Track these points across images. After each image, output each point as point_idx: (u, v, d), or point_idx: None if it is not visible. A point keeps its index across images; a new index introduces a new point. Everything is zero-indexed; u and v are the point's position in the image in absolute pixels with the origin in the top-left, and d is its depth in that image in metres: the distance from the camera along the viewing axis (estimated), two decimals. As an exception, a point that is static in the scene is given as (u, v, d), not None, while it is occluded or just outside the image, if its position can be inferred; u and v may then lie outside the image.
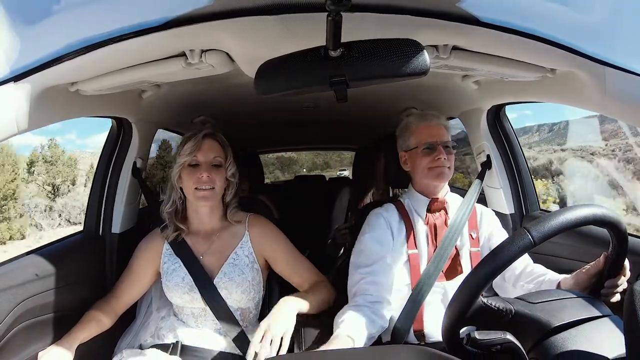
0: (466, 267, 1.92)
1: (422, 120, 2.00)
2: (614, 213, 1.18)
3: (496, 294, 2.00)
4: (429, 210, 1.99)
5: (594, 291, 1.37)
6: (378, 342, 1.90)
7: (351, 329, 1.62)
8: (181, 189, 1.91)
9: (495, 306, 1.19)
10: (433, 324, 1.82)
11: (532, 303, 1.23)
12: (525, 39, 1.31)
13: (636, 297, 0.90)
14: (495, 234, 2.01)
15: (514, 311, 1.19)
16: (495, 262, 1.14)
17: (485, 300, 1.19)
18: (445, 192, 2.04)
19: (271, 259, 1.97)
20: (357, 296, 1.80)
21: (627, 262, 1.32)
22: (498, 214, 2.26)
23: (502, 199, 2.39)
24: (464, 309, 1.16)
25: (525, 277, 1.83)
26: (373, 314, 1.72)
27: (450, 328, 1.19)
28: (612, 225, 1.20)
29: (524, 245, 1.11)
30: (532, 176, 2.51)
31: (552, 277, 1.71)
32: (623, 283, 1.34)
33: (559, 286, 1.59)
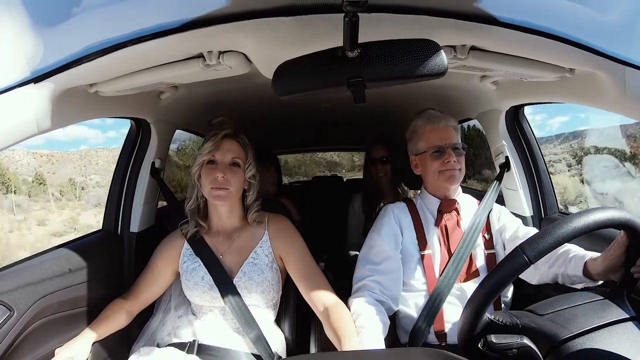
0: (481, 269, 1.92)
1: (429, 123, 2.00)
2: (619, 212, 1.15)
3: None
4: (440, 210, 1.98)
5: (626, 274, 1.33)
6: (396, 343, 1.90)
7: (371, 322, 1.63)
8: (201, 187, 1.92)
9: (501, 322, 1.20)
10: (454, 324, 1.81)
11: (540, 315, 1.23)
12: (543, 38, 1.29)
13: None
14: (508, 228, 1.99)
15: (520, 326, 1.19)
16: (491, 284, 1.16)
17: (491, 316, 1.20)
18: (457, 193, 2.04)
19: (285, 258, 1.95)
20: (363, 290, 1.81)
21: None
22: (517, 216, 2.24)
23: (521, 201, 2.37)
24: (472, 327, 1.17)
25: (544, 259, 1.76)
26: (381, 313, 1.72)
27: (464, 341, 1.21)
28: (620, 226, 1.18)
29: (519, 265, 1.12)
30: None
31: (577, 255, 1.62)
32: None
33: (586, 268, 1.52)
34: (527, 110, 2.38)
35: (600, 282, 1.51)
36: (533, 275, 1.81)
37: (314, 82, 1.18)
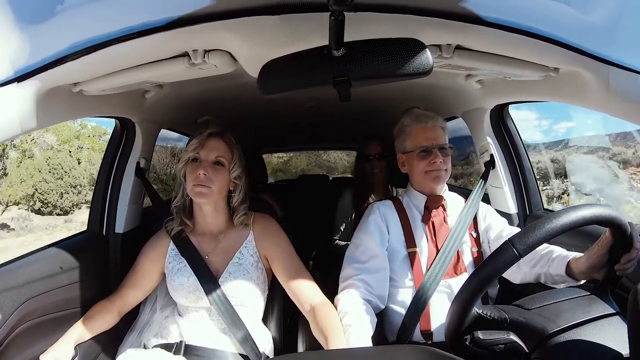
0: (469, 266, 1.93)
1: (417, 123, 2.01)
2: (605, 209, 1.17)
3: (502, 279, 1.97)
4: (427, 207, 2.00)
5: (609, 272, 1.35)
6: (384, 341, 1.91)
7: (357, 320, 1.63)
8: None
9: (490, 316, 1.20)
10: (440, 323, 1.82)
11: (527, 309, 1.24)
12: (528, 38, 1.30)
13: None
14: (493, 227, 2.01)
15: (508, 320, 1.20)
16: (481, 277, 1.17)
17: (479, 310, 1.20)
18: (443, 191, 2.06)
19: (270, 258, 1.96)
20: (349, 289, 1.81)
21: (635, 234, 1.27)
22: (502, 213, 2.26)
23: (506, 199, 2.39)
24: (460, 321, 1.18)
25: (527, 259, 1.75)
26: (368, 311, 1.72)
27: (451, 336, 1.22)
28: (605, 223, 1.20)
29: (509, 259, 1.13)
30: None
31: (560, 255, 1.63)
32: (638, 255, 1.30)
33: (569, 268, 1.54)
34: (533, 115, 2.40)
35: (582, 282, 1.53)
36: (515, 274, 1.82)
37: (300, 81, 1.18)
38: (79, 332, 1.78)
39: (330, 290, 1.86)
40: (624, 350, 1.03)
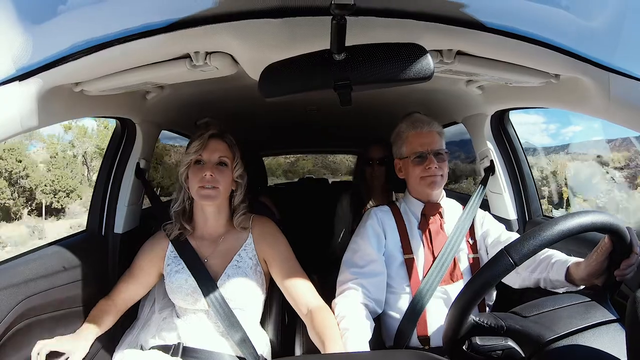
0: (465, 272, 1.93)
1: (413, 128, 2.00)
2: (603, 216, 1.17)
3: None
4: (424, 214, 2.00)
5: (607, 278, 1.35)
6: (381, 346, 1.90)
7: (355, 324, 1.63)
8: (188, 188, 1.91)
9: (486, 324, 1.20)
10: (437, 328, 1.82)
11: (524, 317, 1.24)
12: (529, 44, 1.30)
13: (639, 305, 0.89)
14: (490, 233, 2.00)
15: (505, 328, 1.20)
16: (476, 286, 1.17)
17: (476, 318, 1.20)
18: (440, 197, 2.05)
19: (269, 260, 1.95)
20: (347, 293, 1.80)
21: (635, 239, 1.27)
22: (501, 219, 2.25)
23: (506, 204, 2.38)
24: (457, 328, 1.18)
25: (526, 264, 1.73)
26: (365, 315, 1.72)
27: (449, 342, 1.22)
28: (604, 230, 1.20)
29: (504, 267, 1.13)
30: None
31: (560, 260, 1.62)
32: (638, 260, 1.30)
33: (568, 274, 1.53)
34: (540, 119, 2.39)
35: (582, 287, 1.52)
36: (514, 279, 1.82)
37: (301, 85, 1.18)
38: (90, 330, 1.80)
39: (328, 294, 1.86)
40: (622, 358, 1.03)
